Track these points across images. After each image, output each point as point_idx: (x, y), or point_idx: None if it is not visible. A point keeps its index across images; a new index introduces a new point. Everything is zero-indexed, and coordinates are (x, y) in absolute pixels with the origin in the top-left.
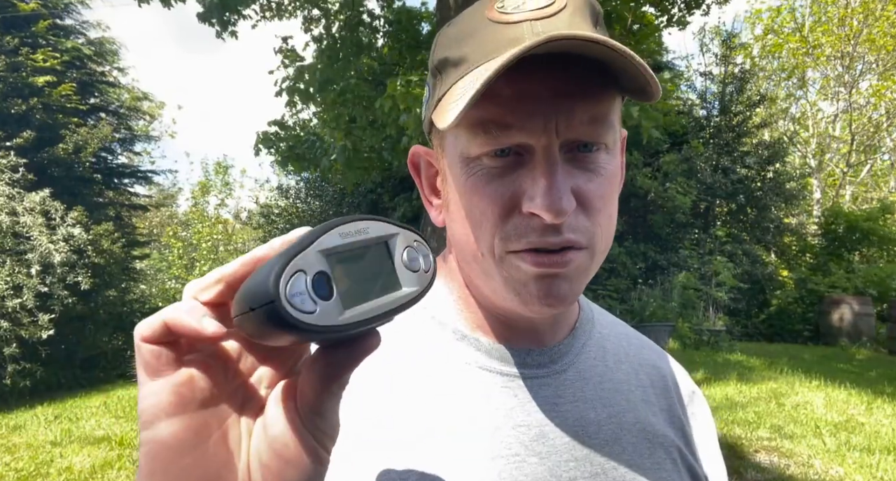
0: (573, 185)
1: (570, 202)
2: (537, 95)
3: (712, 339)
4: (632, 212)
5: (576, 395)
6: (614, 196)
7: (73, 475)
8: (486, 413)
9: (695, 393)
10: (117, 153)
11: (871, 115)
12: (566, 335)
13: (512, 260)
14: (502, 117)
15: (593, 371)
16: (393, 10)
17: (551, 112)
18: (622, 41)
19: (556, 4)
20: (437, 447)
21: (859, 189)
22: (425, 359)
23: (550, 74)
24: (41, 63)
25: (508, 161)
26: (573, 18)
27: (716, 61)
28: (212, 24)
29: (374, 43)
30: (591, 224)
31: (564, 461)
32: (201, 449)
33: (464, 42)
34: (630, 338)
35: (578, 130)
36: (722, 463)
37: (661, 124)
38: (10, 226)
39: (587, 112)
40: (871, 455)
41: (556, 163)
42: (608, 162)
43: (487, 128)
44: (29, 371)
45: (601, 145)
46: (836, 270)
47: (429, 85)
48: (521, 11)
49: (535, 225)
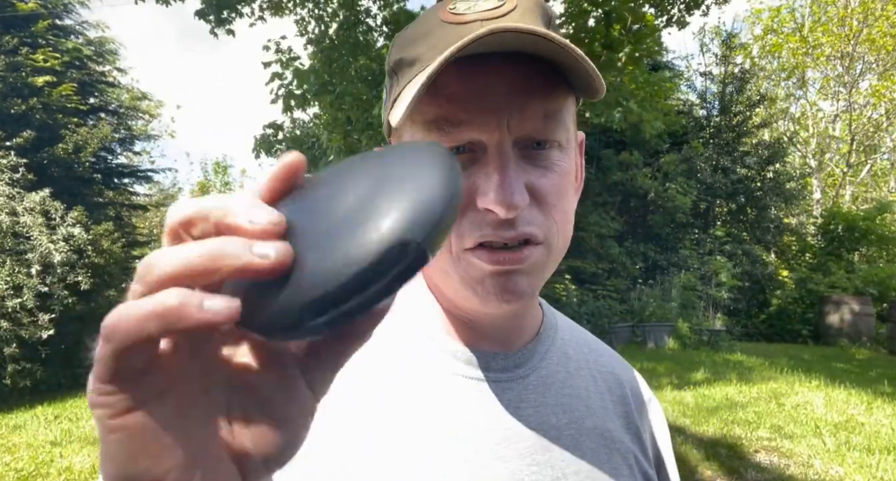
0: (526, 181)
1: (523, 197)
2: (489, 92)
3: (712, 339)
4: (632, 212)
5: (538, 400)
6: (569, 193)
7: (73, 475)
8: (450, 416)
9: (651, 400)
10: (117, 153)
11: (870, 115)
12: (530, 340)
13: (468, 257)
14: (455, 114)
15: (555, 377)
16: (391, 12)
17: (503, 108)
18: (622, 41)
19: (507, 6)
20: (403, 449)
21: (859, 189)
22: (391, 361)
23: (502, 72)
24: (41, 63)
25: (463, 158)
26: (523, 18)
27: (716, 61)
28: (208, 22)
29: (373, 43)
30: (545, 219)
31: (526, 465)
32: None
33: (418, 42)
34: (590, 344)
35: (530, 127)
36: (675, 470)
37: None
38: (10, 226)
39: (539, 108)
40: (871, 455)
41: (509, 158)
42: (561, 159)
43: (440, 125)
44: (29, 371)
45: (554, 143)
46: (835, 270)
47: (386, 87)
48: (472, 12)
49: (489, 220)
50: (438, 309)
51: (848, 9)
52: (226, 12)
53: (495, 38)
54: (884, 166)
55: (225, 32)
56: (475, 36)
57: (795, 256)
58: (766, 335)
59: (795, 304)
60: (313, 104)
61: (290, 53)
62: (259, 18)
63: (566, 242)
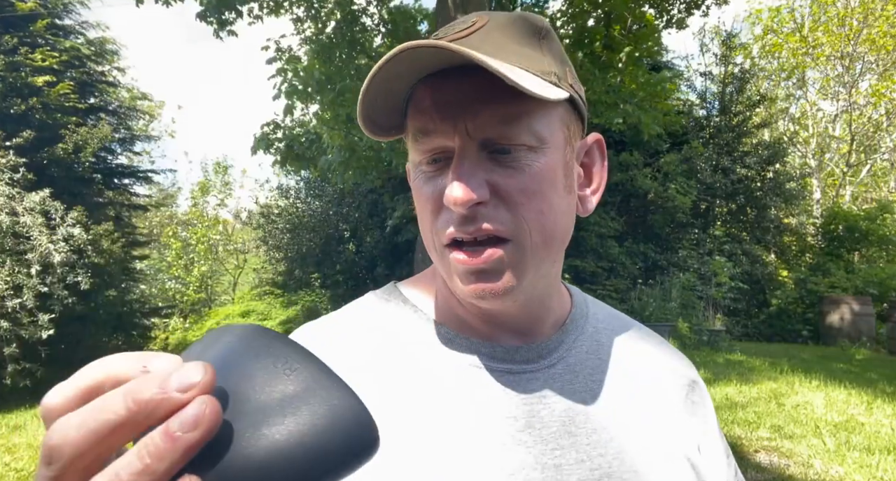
0: (489, 179)
1: (479, 193)
2: (447, 102)
3: (712, 339)
4: (632, 212)
5: (564, 388)
6: (546, 193)
7: None
8: (474, 407)
9: (695, 383)
10: (117, 153)
11: (870, 115)
12: (555, 331)
13: (447, 254)
14: (425, 125)
15: (584, 364)
16: (389, 10)
17: (459, 115)
18: (621, 41)
19: (477, 25)
20: (428, 438)
21: (859, 189)
22: (417, 354)
23: (460, 84)
24: (40, 62)
25: (440, 165)
26: (489, 35)
27: (716, 61)
28: (210, 23)
29: (371, 42)
30: (512, 216)
31: (550, 449)
32: None
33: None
34: (629, 329)
35: (489, 131)
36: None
37: (662, 123)
38: (10, 226)
39: (495, 114)
40: (871, 455)
41: (466, 158)
42: (535, 160)
43: (416, 136)
44: (29, 371)
45: (520, 146)
46: (835, 270)
47: None
48: (447, 34)
49: (454, 217)
50: (459, 306)
51: (848, 9)
52: (226, 13)
53: (415, 53)
54: (884, 166)
55: (227, 33)
56: (391, 54)
57: (795, 256)
58: (766, 335)
59: (795, 304)
60: (315, 101)
61: (289, 52)
62: (257, 17)
63: (548, 239)
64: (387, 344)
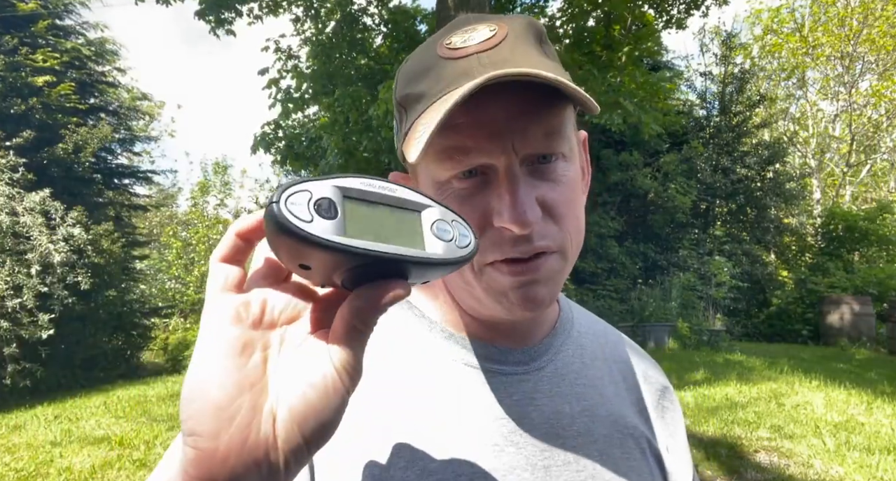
0: (537, 196)
1: (534, 213)
2: (492, 119)
3: (712, 339)
4: (632, 212)
5: (552, 391)
6: (578, 199)
7: (73, 475)
8: (468, 407)
9: (666, 388)
10: (117, 153)
11: (870, 115)
12: (546, 335)
13: (489, 272)
14: (462, 143)
15: (570, 368)
16: (388, 10)
17: (507, 133)
18: (621, 41)
19: (499, 35)
20: (423, 437)
21: (859, 189)
22: (415, 354)
23: (502, 99)
24: (40, 63)
25: (475, 181)
26: (516, 45)
27: (716, 61)
28: (208, 22)
29: (371, 42)
30: (559, 229)
31: (539, 451)
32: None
33: (421, 78)
34: (608, 335)
35: (534, 145)
36: (689, 454)
37: (661, 122)
38: (10, 226)
39: (540, 128)
40: (871, 455)
41: (518, 178)
42: (567, 169)
43: (451, 154)
44: (29, 371)
45: (558, 155)
46: (835, 270)
47: (396, 118)
48: (468, 45)
49: (507, 237)
50: (459, 310)
51: (848, 9)
52: (225, 12)
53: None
54: (884, 166)
55: (225, 32)
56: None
57: (795, 256)
58: (766, 335)
59: (795, 304)
60: (312, 105)
61: (289, 52)
62: (256, 17)
63: (579, 245)
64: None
